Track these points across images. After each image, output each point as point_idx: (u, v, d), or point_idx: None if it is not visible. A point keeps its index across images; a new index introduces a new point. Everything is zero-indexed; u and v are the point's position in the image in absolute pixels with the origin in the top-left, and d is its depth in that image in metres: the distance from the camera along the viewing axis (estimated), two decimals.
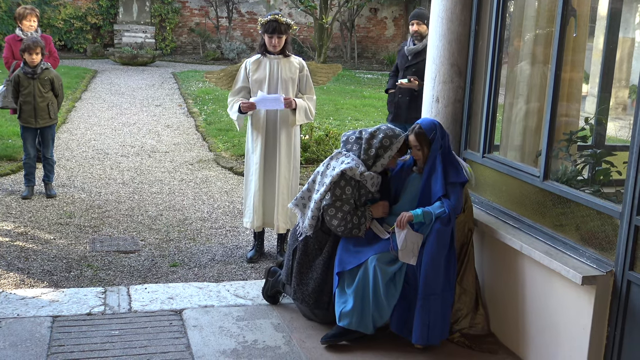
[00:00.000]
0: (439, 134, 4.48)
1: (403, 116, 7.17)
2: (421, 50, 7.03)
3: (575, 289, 3.85)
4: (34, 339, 4.30)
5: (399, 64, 7.35)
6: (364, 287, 4.35)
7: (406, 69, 7.14)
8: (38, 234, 6.42)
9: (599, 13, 5.62)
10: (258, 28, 5.86)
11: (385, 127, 4.60)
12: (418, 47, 7.10)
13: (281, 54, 5.74)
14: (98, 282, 5.42)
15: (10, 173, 8.46)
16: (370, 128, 4.68)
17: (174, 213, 7.26)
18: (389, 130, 4.56)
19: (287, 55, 5.78)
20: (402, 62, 7.26)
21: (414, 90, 6.98)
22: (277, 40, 5.68)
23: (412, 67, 7.11)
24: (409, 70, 7.11)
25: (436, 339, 4.39)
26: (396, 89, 7.19)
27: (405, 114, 7.15)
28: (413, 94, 7.03)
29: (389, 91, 7.42)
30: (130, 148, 10.32)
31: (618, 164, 4.72)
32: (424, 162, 4.50)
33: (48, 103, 7.46)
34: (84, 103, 13.95)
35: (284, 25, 5.68)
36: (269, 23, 5.66)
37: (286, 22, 5.72)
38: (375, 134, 4.56)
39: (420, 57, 6.99)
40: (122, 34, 22.73)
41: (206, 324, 4.64)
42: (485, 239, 4.70)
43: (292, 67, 5.78)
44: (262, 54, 5.78)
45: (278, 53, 5.72)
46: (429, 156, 4.46)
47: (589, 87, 6.00)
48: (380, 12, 26.35)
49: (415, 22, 7.14)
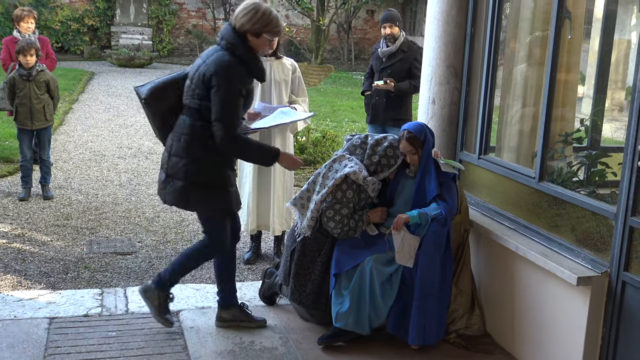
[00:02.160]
0: (429, 135, 4.51)
1: (381, 118, 7.23)
2: (395, 52, 7.15)
3: (570, 289, 3.87)
4: (30, 341, 4.30)
5: (373, 66, 7.41)
6: (360, 288, 4.37)
7: (381, 71, 7.20)
8: (35, 236, 6.43)
9: (595, 15, 5.64)
10: None
11: (392, 137, 4.63)
12: (392, 49, 7.16)
13: (273, 56, 5.74)
14: (95, 283, 5.42)
15: (7, 175, 8.46)
16: (377, 135, 4.70)
17: (171, 215, 7.27)
18: (394, 141, 4.58)
19: (279, 57, 5.78)
20: (377, 64, 7.32)
21: (390, 92, 7.05)
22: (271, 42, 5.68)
23: (387, 69, 7.16)
24: (384, 72, 7.16)
25: (432, 340, 4.40)
26: (372, 91, 7.24)
27: (382, 115, 7.22)
28: (389, 95, 7.10)
29: (364, 93, 7.48)
30: (127, 150, 10.32)
31: (613, 165, 4.74)
32: (419, 164, 4.52)
33: (44, 105, 7.46)
34: (81, 105, 13.95)
35: None
36: None
37: None
38: (381, 141, 4.59)
39: (395, 59, 7.14)
40: (119, 36, 22.74)
41: (203, 325, 4.65)
42: (481, 240, 4.72)
43: (285, 68, 5.78)
44: None
45: (270, 55, 5.72)
46: (421, 157, 4.48)
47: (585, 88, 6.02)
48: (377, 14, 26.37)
49: (388, 25, 7.16)
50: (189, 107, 4.22)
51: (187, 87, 4.26)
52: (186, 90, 4.26)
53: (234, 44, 4.14)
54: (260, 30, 4.17)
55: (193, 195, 4.23)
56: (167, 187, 4.28)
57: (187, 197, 4.23)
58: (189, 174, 4.19)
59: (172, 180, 4.23)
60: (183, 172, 4.19)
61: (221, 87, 4.08)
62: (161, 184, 4.35)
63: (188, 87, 4.25)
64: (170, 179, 4.25)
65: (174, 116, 4.34)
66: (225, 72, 4.08)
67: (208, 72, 4.10)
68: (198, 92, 4.15)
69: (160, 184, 4.36)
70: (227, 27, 4.22)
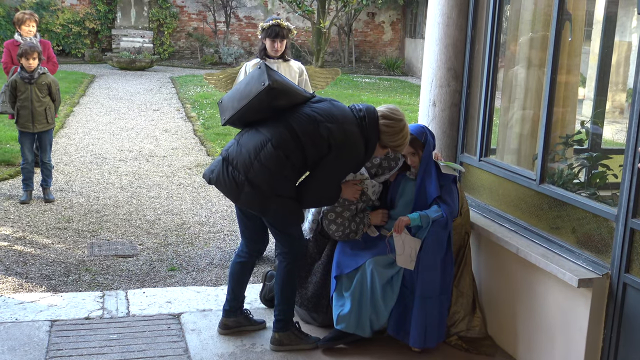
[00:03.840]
0: (429, 137, 4.52)
1: None
2: None
3: (571, 291, 3.87)
4: (32, 343, 4.31)
5: None
6: (361, 290, 4.37)
7: None
8: (36, 239, 6.43)
9: (595, 17, 5.65)
10: (258, 33, 5.88)
11: None
12: None
13: (280, 58, 5.77)
14: (96, 286, 5.43)
15: (9, 178, 8.47)
16: None
17: (172, 217, 7.27)
18: None
19: (286, 60, 5.81)
20: None
21: None
22: (280, 44, 5.72)
23: None
24: None
25: (433, 342, 4.40)
26: None
27: None
28: None
29: None
30: (129, 152, 10.33)
31: (614, 167, 4.75)
32: (419, 166, 4.52)
33: (45, 108, 7.47)
34: (82, 108, 13.97)
35: (285, 30, 5.73)
36: (271, 27, 5.69)
37: (287, 26, 5.77)
38: None
39: None
40: (120, 39, 22.78)
41: (204, 328, 4.65)
42: (482, 242, 4.72)
43: (292, 71, 5.80)
44: (261, 58, 5.80)
45: (278, 57, 5.75)
46: (422, 159, 4.48)
47: (586, 90, 6.03)
48: (378, 17, 26.41)
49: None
50: (297, 135, 4.06)
51: (307, 119, 4.09)
52: (304, 119, 4.10)
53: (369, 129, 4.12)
54: (388, 145, 4.22)
55: (273, 202, 4.12)
56: (244, 189, 4.08)
57: (267, 204, 4.12)
58: (277, 188, 4.08)
59: (252, 185, 4.06)
60: (268, 184, 4.05)
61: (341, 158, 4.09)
62: (233, 183, 4.10)
63: (309, 120, 4.08)
64: (251, 184, 4.06)
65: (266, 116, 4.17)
66: (350, 150, 4.09)
67: (336, 135, 4.04)
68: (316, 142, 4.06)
69: (232, 182, 4.10)
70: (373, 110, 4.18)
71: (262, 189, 4.05)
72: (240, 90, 4.21)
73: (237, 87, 4.29)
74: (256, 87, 4.07)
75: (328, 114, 4.09)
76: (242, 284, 4.61)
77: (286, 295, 4.40)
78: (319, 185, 4.14)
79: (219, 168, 4.18)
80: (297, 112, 4.11)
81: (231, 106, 4.22)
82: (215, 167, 4.22)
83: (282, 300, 4.40)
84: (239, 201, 4.19)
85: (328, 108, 4.13)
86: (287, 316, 4.41)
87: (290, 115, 4.11)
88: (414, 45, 25.22)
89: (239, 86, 4.27)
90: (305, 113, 4.10)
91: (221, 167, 4.16)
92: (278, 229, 4.32)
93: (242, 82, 4.27)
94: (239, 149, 4.12)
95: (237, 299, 4.61)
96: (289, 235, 4.32)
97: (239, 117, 4.19)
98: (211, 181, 4.23)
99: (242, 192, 4.08)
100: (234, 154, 4.13)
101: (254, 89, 4.09)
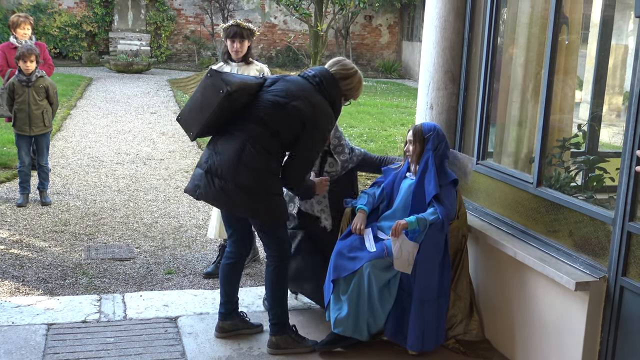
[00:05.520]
0: (435, 136, 4.51)
1: None
2: None
3: (568, 294, 3.87)
4: (28, 347, 4.30)
5: None
6: (358, 294, 4.36)
7: None
8: (33, 242, 6.42)
9: (592, 20, 5.65)
10: (221, 35, 5.81)
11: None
12: None
13: (243, 61, 5.71)
14: (93, 289, 5.42)
15: (5, 181, 8.45)
16: None
17: (169, 220, 7.27)
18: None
19: (249, 63, 5.74)
20: None
21: None
22: (239, 45, 5.63)
23: None
24: None
25: (431, 345, 4.40)
26: None
27: None
28: None
29: None
30: (126, 155, 10.32)
31: (611, 170, 4.75)
32: (417, 160, 4.53)
33: (43, 111, 7.46)
34: (79, 111, 13.96)
35: (245, 30, 5.65)
36: (230, 27, 5.64)
37: (248, 27, 5.69)
38: None
39: None
40: (118, 42, 22.77)
41: (201, 331, 4.65)
42: (479, 245, 4.72)
43: (252, 73, 5.69)
44: (225, 61, 5.76)
45: (240, 60, 5.70)
46: (423, 156, 4.49)
47: (583, 93, 6.03)
48: (375, 20, 26.44)
49: None
50: (268, 125, 4.12)
51: (271, 105, 4.14)
52: (268, 107, 4.14)
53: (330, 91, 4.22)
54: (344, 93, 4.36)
55: (266, 202, 4.16)
56: (237, 198, 4.09)
57: (260, 205, 4.15)
58: (267, 186, 4.12)
59: (244, 190, 4.08)
60: (258, 184, 4.08)
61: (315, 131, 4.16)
62: (222, 194, 4.10)
63: (273, 106, 4.14)
64: (242, 189, 4.08)
65: (229, 118, 4.18)
66: (322, 120, 4.17)
67: (305, 111, 4.10)
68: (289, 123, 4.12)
69: (221, 193, 4.10)
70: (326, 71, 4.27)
71: (254, 191, 4.07)
72: (198, 101, 4.18)
73: (193, 99, 4.24)
74: (215, 96, 4.07)
75: (288, 92, 4.14)
76: (235, 285, 4.60)
77: (278, 298, 4.40)
78: (304, 160, 4.20)
79: (204, 182, 4.15)
80: (259, 102, 4.14)
81: (195, 119, 4.20)
82: (199, 181, 4.19)
83: (274, 303, 4.40)
84: (235, 210, 4.22)
85: (285, 87, 4.18)
86: (282, 319, 4.41)
87: (254, 107, 4.14)
88: (411, 48, 25.25)
89: (195, 97, 4.22)
90: (267, 100, 4.14)
91: (206, 181, 4.14)
92: (267, 231, 4.33)
93: (197, 92, 4.22)
94: (219, 158, 4.11)
95: (231, 300, 4.60)
96: (277, 237, 4.34)
97: (207, 128, 4.21)
98: (199, 197, 4.22)
99: (236, 201, 4.10)
100: (216, 164, 4.12)
101: (213, 98, 4.08)
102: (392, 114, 15.29)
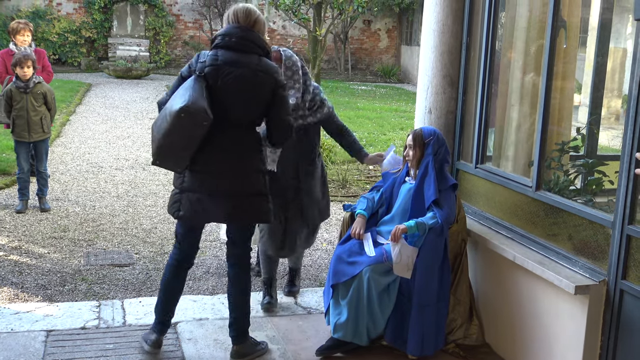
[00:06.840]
0: (435, 140, 4.50)
1: None
2: None
3: (568, 298, 3.86)
4: (28, 354, 4.29)
5: None
6: (358, 299, 4.36)
7: None
8: (32, 248, 6.41)
9: (590, 23, 5.66)
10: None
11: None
12: None
13: None
14: (92, 295, 5.41)
15: (4, 187, 8.45)
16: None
17: (169, 226, 7.26)
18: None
19: None
20: None
21: None
22: None
23: None
24: None
25: (430, 350, 4.40)
26: None
27: None
28: None
29: None
30: (125, 161, 10.32)
31: (610, 173, 4.74)
32: (417, 165, 4.52)
33: (41, 117, 7.46)
34: (78, 117, 13.96)
35: None
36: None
37: None
38: None
39: None
40: (117, 47, 22.79)
41: (201, 337, 4.64)
42: (479, 249, 4.71)
43: None
44: None
45: None
46: (422, 160, 4.49)
47: (581, 97, 6.03)
48: (374, 24, 26.48)
49: None
50: (248, 118, 4.11)
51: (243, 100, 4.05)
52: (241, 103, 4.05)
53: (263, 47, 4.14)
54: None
55: (268, 202, 4.21)
56: (248, 209, 4.12)
57: (267, 206, 4.19)
58: (260, 186, 4.14)
59: (255, 196, 4.10)
60: (256, 186, 4.10)
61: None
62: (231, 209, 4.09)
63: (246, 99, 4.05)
64: (252, 196, 4.10)
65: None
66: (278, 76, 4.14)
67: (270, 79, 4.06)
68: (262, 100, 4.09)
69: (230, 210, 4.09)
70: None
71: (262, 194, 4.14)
72: (177, 143, 3.97)
73: (168, 143, 3.97)
74: (199, 128, 3.91)
75: (237, 77, 3.99)
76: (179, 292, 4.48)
77: (240, 303, 4.34)
78: (283, 118, 4.16)
79: (202, 207, 4.08)
80: (220, 102, 4.00)
81: (182, 157, 4.02)
82: (197, 207, 4.08)
83: (236, 309, 4.34)
84: (253, 219, 4.28)
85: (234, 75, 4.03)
86: (245, 326, 4.37)
87: (218, 108, 3.99)
88: (410, 53, 25.28)
89: (171, 141, 3.96)
90: (225, 96, 4.01)
91: (209, 203, 4.07)
92: (250, 231, 4.37)
93: (172, 135, 3.94)
94: (216, 177, 4.05)
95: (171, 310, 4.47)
96: (249, 237, 4.36)
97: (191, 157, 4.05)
98: (201, 221, 4.30)
99: (246, 211, 4.14)
100: (215, 185, 4.05)
101: (197, 131, 3.93)
102: (391, 118, 15.30)
